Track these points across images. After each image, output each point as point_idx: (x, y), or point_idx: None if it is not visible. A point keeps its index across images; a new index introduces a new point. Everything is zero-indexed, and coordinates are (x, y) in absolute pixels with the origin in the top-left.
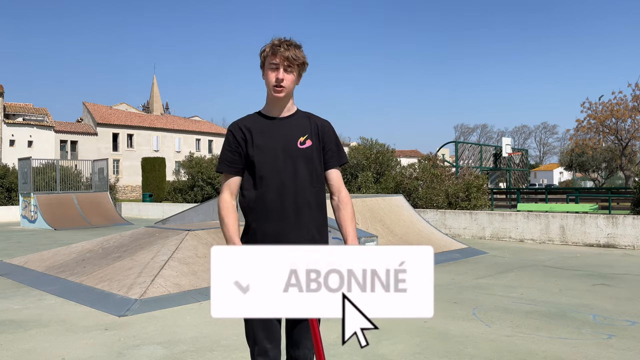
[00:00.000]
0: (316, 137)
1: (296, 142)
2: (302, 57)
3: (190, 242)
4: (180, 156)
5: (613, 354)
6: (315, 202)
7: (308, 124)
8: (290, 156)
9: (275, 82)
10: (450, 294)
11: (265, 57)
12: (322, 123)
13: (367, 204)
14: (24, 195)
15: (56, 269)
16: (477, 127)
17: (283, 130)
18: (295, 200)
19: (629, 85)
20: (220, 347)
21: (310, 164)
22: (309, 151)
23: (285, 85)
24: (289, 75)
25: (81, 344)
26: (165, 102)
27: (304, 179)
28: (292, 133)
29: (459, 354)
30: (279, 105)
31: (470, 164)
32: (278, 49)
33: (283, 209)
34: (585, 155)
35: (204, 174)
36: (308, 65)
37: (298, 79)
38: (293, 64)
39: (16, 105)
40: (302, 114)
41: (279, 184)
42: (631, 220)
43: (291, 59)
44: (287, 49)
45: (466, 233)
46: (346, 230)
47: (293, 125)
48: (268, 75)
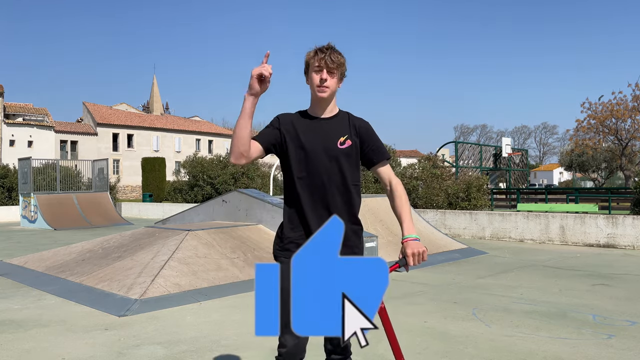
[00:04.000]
0: (356, 137)
1: (336, 142)
2: (342, 60)
3: (190, 242)
4: (180, 156)
5: (613, 354)
6: (351, 201)
7: (347, 124)
8: (330, 156)
9: (319, 82)
10: (450, 294)
11: (309, 61)
12: (360, 123)
13: (367, 204)
14: (24, 195)
15: (56, 269)
16: (477, 127)
17: (325, 130)
18: (333, 200)
19: (629, 85)
20: (220, 347)
21: (349, 164)
22: (349, 151)
23: (329, 86)
24: (332, 76)
25: (81, 344)
26: (165, 102)
27: (342, 178)
28: (333, 133)
29: (459, 354)
30: (323, 105)
31: (470, 164)
32: (321, 53)
33: (322, 207)
34: (585, 156)
35: (205, 174)
36: (347, 69)
37: (340, 81)
38: (335, 67)
39: (16, 105)
40: (343, 114)
41: (318, 184)
42: (631, 220)
43: (334, 61)
44: (329, 53)
45: (466, 233)
46: (400, 215)
47: (334, 125)
48: (312, 77)
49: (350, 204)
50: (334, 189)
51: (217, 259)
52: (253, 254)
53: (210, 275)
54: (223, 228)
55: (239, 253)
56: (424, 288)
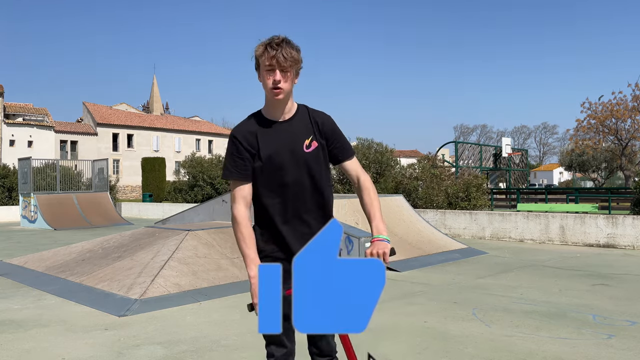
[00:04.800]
0: (320, 136)
1: (302, 146)
2: (296, 55)
3: (190, 242)
4: (180, 156)
5: (613, 354)
6: (324, 202)
7: (309, 122)
8: (297, 162)
9: (272, 85)
10: (450, 294)
11: (259, 58)
12: (322, 120)
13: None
14: (24, 195)
15: (56, 269)
16: (476, 127)
17: (287, 134)
18: (305, 206)
19: (629, 85)
20: (220, 347)
21: (318, 166)
22: (316, 153)
23: (283, 87)
24: (286, 75)
25: (81, 344)
26: (165, 102)
27: (313, 182)
28: (296, 136)
29: (459, 354)
30: (280, 106)
31: (470, 164)
32: (271, 50)
33: (294, 216)
34: (585, 155)
35: (205, 174)
36: (302, 62)
37: (295, 77)
38: (289, 65)
39: (16, 105)
40: (302, 110)
41: (289, 193)
42: (631, 220)
43: (287, 58)
44: (281, 49)
45: (466, 233)
46: (369, 213)
47: (296, 127)
48: (265, 78)
49: (323, 206)
50: (305, 195)
51: (217, 259)
52: None
53: (210, 275)
54: (223, 228)
55: (238, 253)
56: (424, 288)
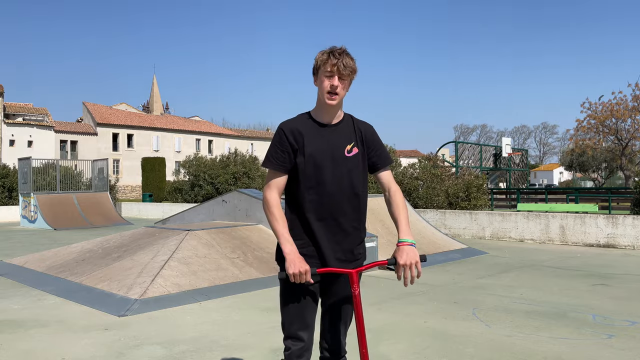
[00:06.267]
0: (361, 144)
1: (344, 150)
2: (354, 66)
3: (190, 242)
4: (180, 156)
5: (613, 354)
6: (359, 208)
7: (353, 130)
8: (338, 164)
9: (330, 89)
10: (450, 294)
11: (321, 64)
12: (365, 128)
13: (368, 204)
14: (24, 195)
15: (56, 269)
16: (476, 127)
17: (333, 138)
18: (341, 208)
19: (629, 85)
20: (220, 347)
21: (357, 171)
22: (356, 158)
23: (339, 93)
24: (343, 83)
25: (81, 344)
26: (165, 102)
27: (351, 186)
28: (340, 141)
29: (459, 354)
30: (331, 111)
31: (470, 164)
32: (334, 58)
33: (330, 217)
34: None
35: (206, 174)
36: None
37: (348, 86)
38: (347, 73)
39: (16, 105)
40: (348, 118)
41: (327, 193)
42: (631, 220)
43: (346, 67)
44: (342, 58)
45: (466, 233)
46: (397, 220)
47: (341, 132)
48: (323, 82)
49: (358, 211)
50: (342, 197)
51: (217, 259)
52: (253, 254)
53: (210, 275)
54: (223, 228)
55: (238, 253)
56: (424, 288)
